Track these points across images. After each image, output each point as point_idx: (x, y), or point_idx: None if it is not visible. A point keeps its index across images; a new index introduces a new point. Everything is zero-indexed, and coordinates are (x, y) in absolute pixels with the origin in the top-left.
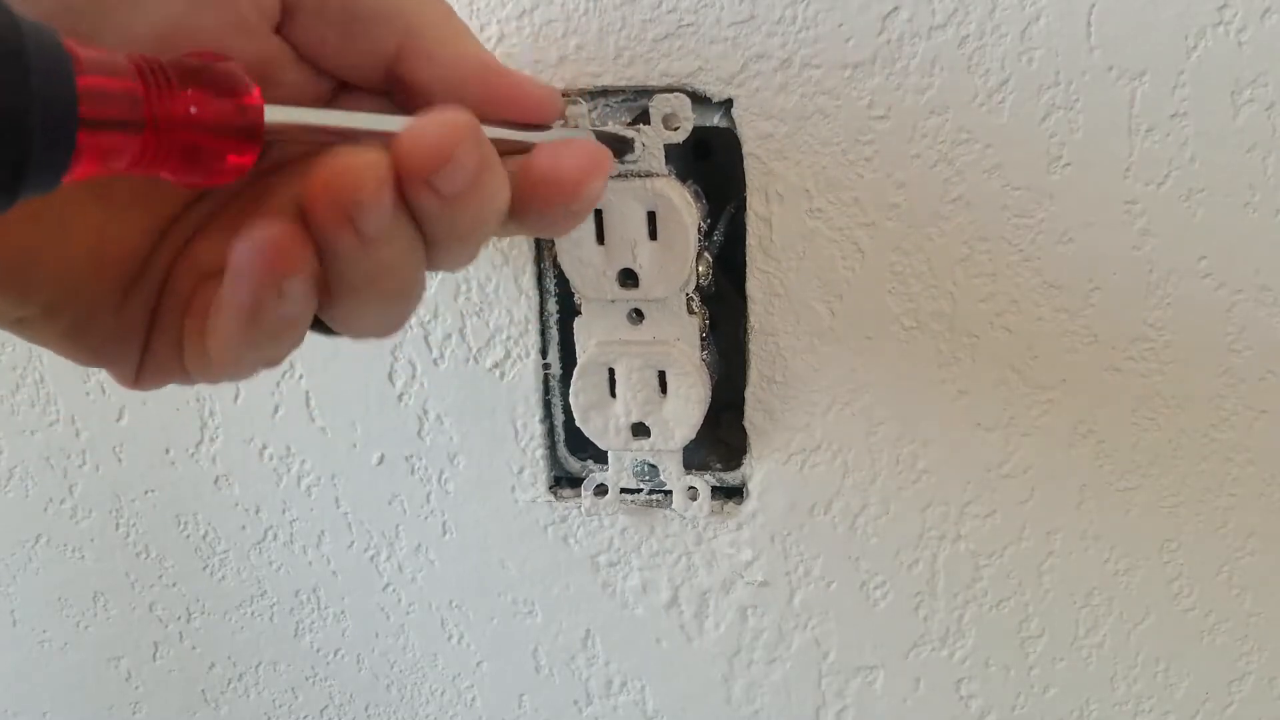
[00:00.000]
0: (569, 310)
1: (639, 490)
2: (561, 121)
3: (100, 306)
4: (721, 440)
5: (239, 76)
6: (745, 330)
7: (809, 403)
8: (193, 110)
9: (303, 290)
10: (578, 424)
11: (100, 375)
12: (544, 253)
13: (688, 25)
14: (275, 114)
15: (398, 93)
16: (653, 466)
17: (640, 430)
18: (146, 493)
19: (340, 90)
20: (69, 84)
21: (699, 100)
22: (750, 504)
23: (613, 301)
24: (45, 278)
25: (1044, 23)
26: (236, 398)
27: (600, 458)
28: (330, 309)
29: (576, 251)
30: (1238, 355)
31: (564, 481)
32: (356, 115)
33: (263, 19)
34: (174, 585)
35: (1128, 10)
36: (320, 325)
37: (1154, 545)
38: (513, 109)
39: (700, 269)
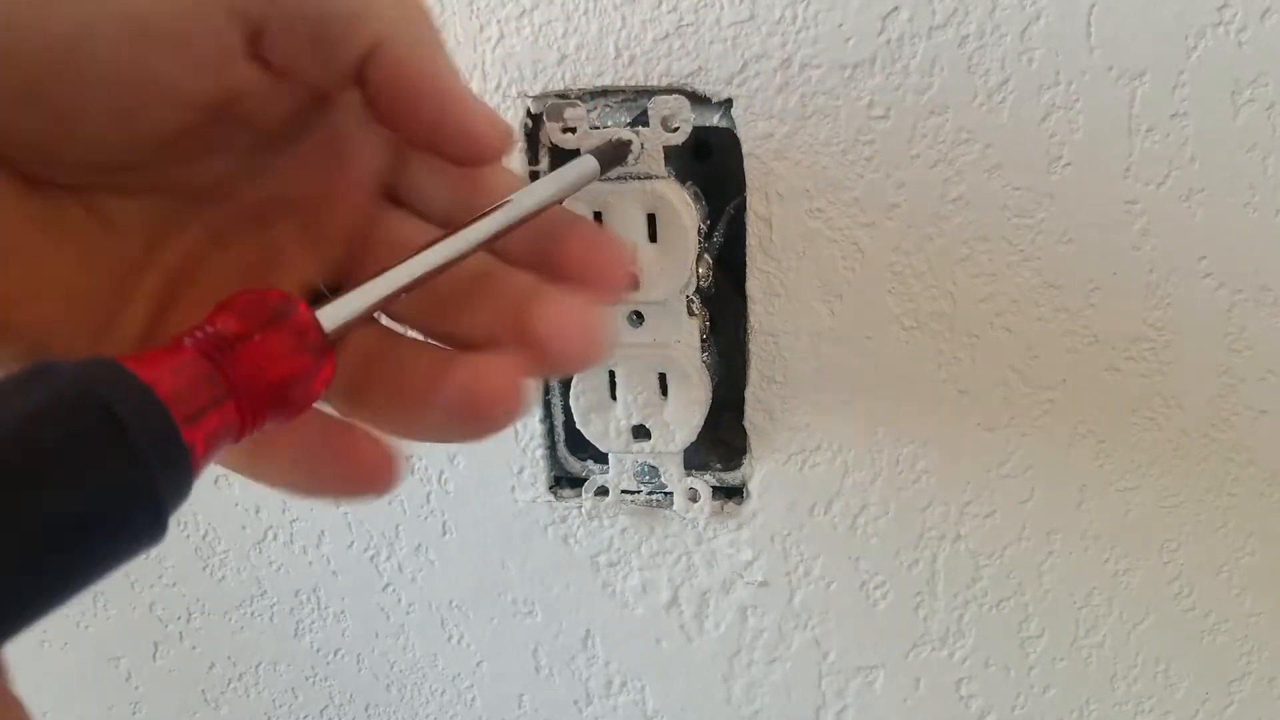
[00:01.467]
0: None
1: (639, 491)
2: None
3: (79, 348)
4: (722, 440)
5: (281, 301)
6: (745, 330)
7: (809, 403)
8: (259, 354)
9: None
10: (578, 427)
11: None
12: None
13: (687, 25)
14: (329, 313)
15: (362, 92)
16: (653, 468)
17: (641, 432)
18: None
19: (313, 102)
20: (166, 418)
21: (699, 100)
22: (750, 504)
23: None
24: (22, 323)
25: (1044, 23)
26: None
27: (600, 457)
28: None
29: None
30: (1238, 355)
31: (564, 481)
32: (399, 270)
33: (224, 53)
34: (174, 585)
35: (1128, 10)
36: None
37: (1154, 545)
38: (450, 143)
39: (700, 270)
